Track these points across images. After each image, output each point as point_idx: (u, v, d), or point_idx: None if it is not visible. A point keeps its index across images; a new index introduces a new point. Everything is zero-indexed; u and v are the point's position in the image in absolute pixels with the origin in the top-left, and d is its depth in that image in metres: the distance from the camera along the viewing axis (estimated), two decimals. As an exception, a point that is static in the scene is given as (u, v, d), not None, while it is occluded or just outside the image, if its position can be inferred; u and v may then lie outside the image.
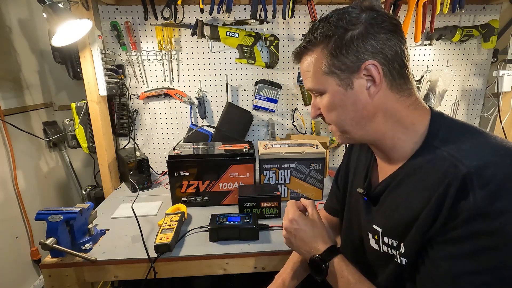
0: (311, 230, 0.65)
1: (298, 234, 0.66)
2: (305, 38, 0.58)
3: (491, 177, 0.44)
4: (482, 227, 0.44)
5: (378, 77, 0.52)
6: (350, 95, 0.55)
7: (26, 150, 1.38)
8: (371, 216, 0.63)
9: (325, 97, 0.58)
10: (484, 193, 0.43)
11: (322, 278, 0.61)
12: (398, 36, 0.53)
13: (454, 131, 0.53)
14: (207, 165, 1.14)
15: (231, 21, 1.38)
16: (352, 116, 0.56)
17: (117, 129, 1.47)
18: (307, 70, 0.58)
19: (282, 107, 1.54)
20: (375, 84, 0.53)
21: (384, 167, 0.62)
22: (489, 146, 0.49)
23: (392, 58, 0.53)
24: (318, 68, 0.56)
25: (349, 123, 0.57)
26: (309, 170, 1.17)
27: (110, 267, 0.87)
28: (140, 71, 1.44)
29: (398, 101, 0.55)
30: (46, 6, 1.00)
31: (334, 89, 0.55)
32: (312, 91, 0.60)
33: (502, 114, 1.42)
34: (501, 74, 1.37)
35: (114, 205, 1.19)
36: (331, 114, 0.58)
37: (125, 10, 1.37)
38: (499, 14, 1.45)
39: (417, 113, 0.56)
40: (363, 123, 0.56)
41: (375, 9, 0.53)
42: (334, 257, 0.61)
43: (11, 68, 1.33)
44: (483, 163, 0.45)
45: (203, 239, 0.95)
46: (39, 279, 1.42)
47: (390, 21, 0.53)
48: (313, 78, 0.57)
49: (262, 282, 0.77)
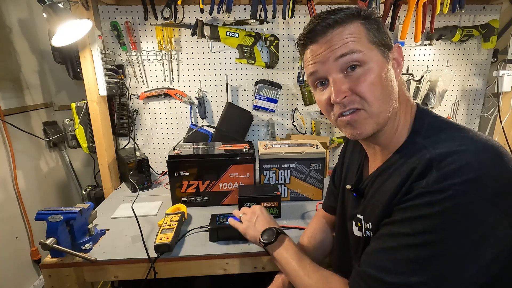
0: (271, 218, 0.83)
1: (262, 214, 0.82)
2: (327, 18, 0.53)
3: (449, 163, 0.46)
4: (425, 200, 0.46)
5: (402, 61, 0.56)
6: (390, 71, 0.55)
7: (26, 150, 1.38)
8: (355, 207, 0.66)
9: (370, 68, 0.52)
10: (437, 175, 0.46)
11: (271, 242, 0.72)
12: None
13: (435, 127, 0.55)
14: (207, 165, 1.14)
15: (231, 21, 1.38)
16: (386, 92, 0.54)
17: (117, 129, 1.47)
18: (349, 35, 0.52)
19: (282, 107, 1.54)
20: (400, 67, 0.57)
21: (373, 163, 0.65)
22: (459, 137, 0.50)
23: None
24: (365, 36, 0.53)
25: (380, 97, 0.53)
26: (309, 170, 1.17)
27: (110, 267, 0.87)
28: (140, 71, 1.44)
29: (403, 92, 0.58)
30: (46, 6, 1.00)
31: (380, 59, 0.54)
32: (352, 58, 0.52)
33: (502, 114, 1.42)
34: (501, 74, 1.37)
35: (114, 205, 1.19)
36: (373, 88, 0.52)
37: (125, 10, 1.37)
38: (499, 14, 1.45)
39: (409, 105, 0.59)
40: (389, 100, 0.55)
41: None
42: (286, 236, 0.74)
43: (11, 68, 1.33)
44: (447, 151, 0.47)
45: (203, 239, 0.95)
46: (39, 279, 1.42)
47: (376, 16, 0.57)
48: (360, 43, 0.52)
49: (262, 282, 0.77)
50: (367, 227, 0.60)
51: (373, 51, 0.53)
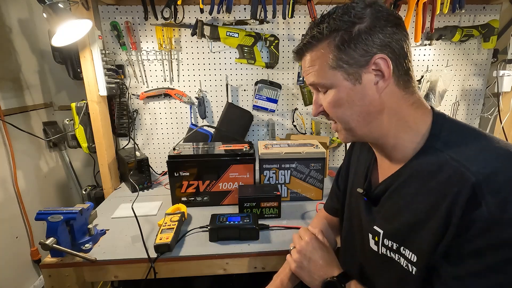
0: (327, 254, 0.68)
1: (313, 256, 0.67)
2: (306, 34, 0.56)
3: (501, 184, 0.43)
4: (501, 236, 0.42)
5: (388, 72, 0.51)
6: (358, 90, 0.53)
7: (26, 150, 1.38)
8: (372, 217, 0.62)
9: (330, 93, 0.56)
10: (496, 201, 0.42)
11: None
12: (403, 30, 0.52)
13: (456, 133, 0.52)
14: (207, 165, 1.14)
15: (231, 21, 1.38)
16: (359, 112, 0.54)
17: (117, 129, 1.47)
18: (311, 65, 0.56)
19: (282, 107, 1.54)
20: (384, 79, 0.51)
21: (384, 167, 0.62)
22: (494, 151, 0.47)
23: (399, 53, 0.51)
24: (324, 62, 0.54)
25: (355, 119, 0.55)
26: (309, 170, 1.17)
27: (110, 267, 0.87)
28: (140, 71, 1.44)
29: (403, 98, 0.54)
30: (46, 6, 1.00)
31: (342, 83, 0.53)
32: (317, 87, 0.58)
33: (502, 114, 1.42)
34: (501, 74, 1.37)
35: (114, 205, 1.19)
36: (336, 110, 0.56)
37: (125, 10, 1.37)
38: (499, 14, 1.45)
39: (419, 112, 0.54)
40: (368, 119, 0.55)
41: (379, 4, 0.52)
42: (351, 280, 0.62)
43: (11, 68, 1.33)
44: (491, 171, 0.44)
45: (203, 239, 0.95)
46: (39, 279, 1.42)
47: (394, 15, 0.52)
48: (318, 72, 0.55)
49: (262, 282, 0.77)
50: (388, 245, 0.57)
51: (335, 76, 0.54)
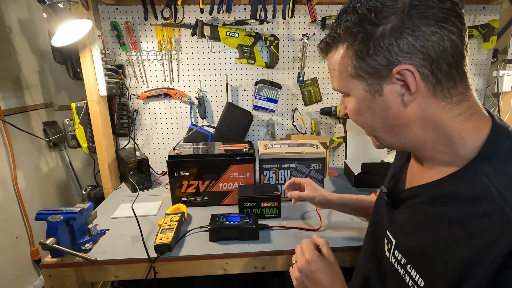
0: (330, 273, 0.60)
1: (315, 276, 0.59)
2: (330, 32, 0.50)
3: None
4: None
5: (414, 85, 0.43)
6: (379, 102, 0.47)
7: (26, 150, 1.38)
8: (388, 218, 0.58)
9: (351, 100, 0.51)
10: None
11: None
12: (452, 26, 0.41)
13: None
14: (207, 165, 1.14)
15: (231, 21, 1.38)
16: (382, 124, 0.49)
17: (117, 129, 1.47)
18: (332, 69, 0.52)
19: (282, 107, 1.54)
20: (410, 92, 0.44)
21: (415, 172, 0.56)
22: None
23: (438, 57, 0.42)
24: (343, 69, 0.49)
25: (380, 129, 0.50)
26: (309, 170, 1.17)
27: (110, 267, 0.87)
28: (140, 71, 1.44)
29: (443, 109, 0.44)
30: (46, 6, 1.00)
31: (360, 94, 0.48)
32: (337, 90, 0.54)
33: (502, 114, 1.42)
34: (501, 74, 1.37)
35: (114, 205, 1.19)
36: (358, 118, 0.52)
37: (125, 10, 1.37)
38: (499, 14, 1.45)
39: (469, 124, 0.45)
40: (395, 131, 0.49)
41: None
42: None
43: (11, 68, 1.33)
44: None
45: (203, 239, 0.95)
46: (39, 279, 1.42)
47: (439, 7, 0.41)
48: (338, 78, 0.51)
49: (262, 282, 0.77)
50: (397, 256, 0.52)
51: (353, 85, 0.49)
